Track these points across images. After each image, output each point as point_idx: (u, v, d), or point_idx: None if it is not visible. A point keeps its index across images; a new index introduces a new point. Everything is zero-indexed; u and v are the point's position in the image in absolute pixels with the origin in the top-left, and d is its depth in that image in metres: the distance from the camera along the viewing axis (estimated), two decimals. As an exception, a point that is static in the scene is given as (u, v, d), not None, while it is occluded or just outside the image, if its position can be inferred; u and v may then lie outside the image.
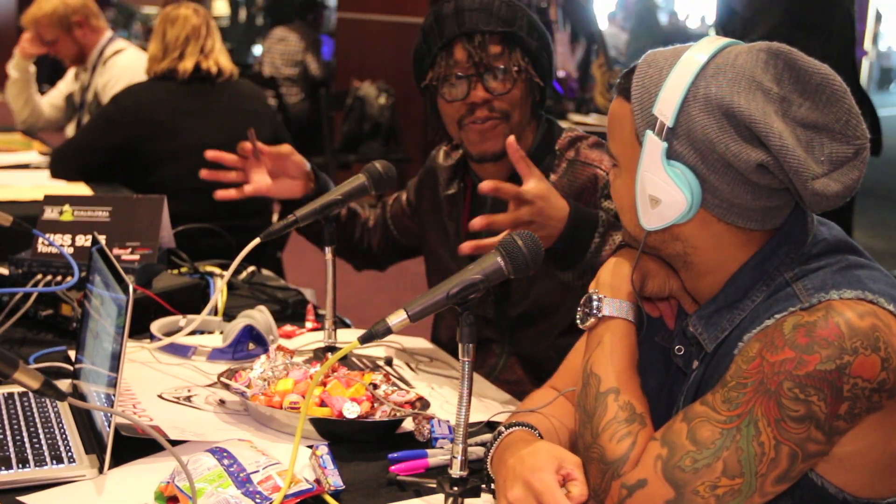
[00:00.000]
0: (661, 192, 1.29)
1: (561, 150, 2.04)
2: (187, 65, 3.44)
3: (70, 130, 4.44)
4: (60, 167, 3.47)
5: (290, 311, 2.33)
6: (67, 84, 4.57)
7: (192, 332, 2.03)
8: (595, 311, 1.41)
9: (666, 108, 1.28)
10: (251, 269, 2.59)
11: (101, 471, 1.46)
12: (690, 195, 1.28)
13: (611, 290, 1.42)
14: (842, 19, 3.41)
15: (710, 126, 1.26)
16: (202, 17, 3.52)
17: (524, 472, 1.29)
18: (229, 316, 2.13)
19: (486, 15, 1.94)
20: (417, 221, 2.25)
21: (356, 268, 2.38)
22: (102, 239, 1.77)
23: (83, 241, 2.24)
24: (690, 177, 1.28)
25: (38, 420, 1.60)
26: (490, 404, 1.83)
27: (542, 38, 1.99)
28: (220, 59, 3.51)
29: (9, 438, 1.52)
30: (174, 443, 1.49)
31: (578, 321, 1.44)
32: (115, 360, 1.47)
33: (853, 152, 1.26)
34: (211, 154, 2.15)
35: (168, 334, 2.00)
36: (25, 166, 3.81)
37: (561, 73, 6.56)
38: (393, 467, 1.52)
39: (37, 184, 3.41)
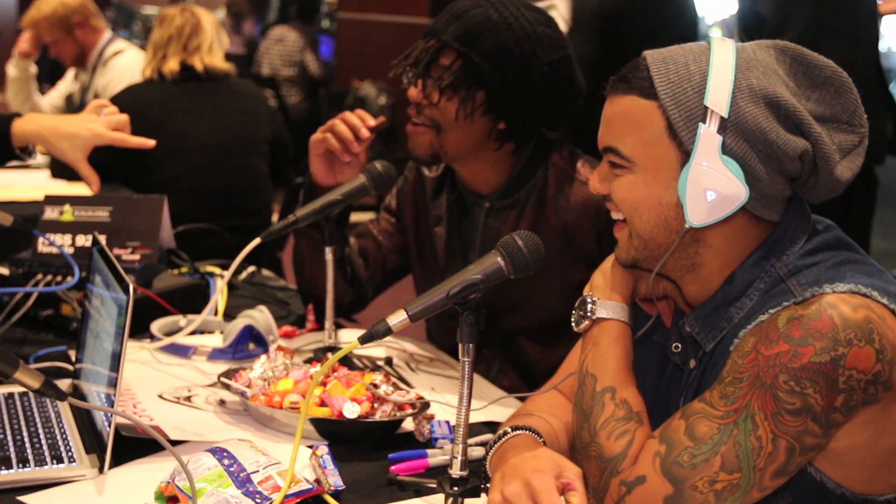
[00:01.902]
0: (720, 184, 1.28)
1: (556, 163, 2.00)
2: (171, 65, 3.44)
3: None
4: (60, 167, 3.48)
5: (291, 312, 2.33)
6: (67, 84, 4.58)
7: (192, 332, 2.03)
8: (589, 314, 1.41)
9: (719, 99, 1.28)
10: (251, 269, 2.59)
11: (101, 471, 1.46)
12: (747, 186, 1.28)
13: (604, 293, 1.42)
14: (866, 21, 3.42)
15: (759, 116, 1.28)
16: (187, 17, 3.51)
17: (525, 471, 1.29)
18: (229, 316, 2.13)
19: (457, 25, 1.90)
20: (400, 229, 2.21)
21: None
22: (102, 239, 1.77)
23: (83, 241, 2.24)
24: (738, 168, 1.28)
25: (38, 420, 1.60)
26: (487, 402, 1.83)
27: (514, 73, 1.88)
28: (206, 57, 3.49)
29: (9, 438, 1.52)
30: (174, 443, 1.48)
31: (573, 324, 1.44)
32: (116, 360, 1.48)
33: (858, 140, 1.32)
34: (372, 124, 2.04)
35: (168, 334, 2.00)
36: (25, 166, 3.80)
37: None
38: (393, 467, 1.52)
39: (37, 184, 3.41)
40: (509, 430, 1.45)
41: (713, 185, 1.28)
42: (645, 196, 1.34)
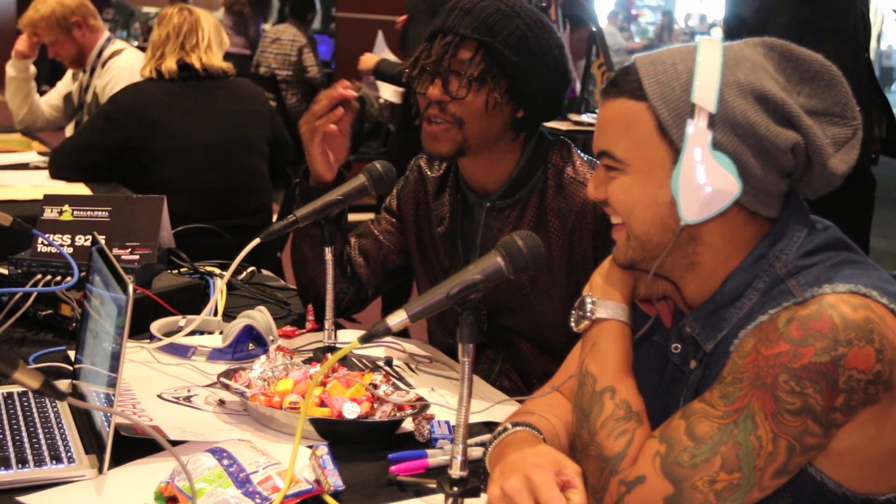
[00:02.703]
0: (712, 179, 1.28)
1: (555, 163, 2.02)
2: (169, 64, 3.44)
3: (69, 131, 4.45)
4: (60, 166, 3.48)
5: (290, 312, 2.33)
6: (66, 84, 4.57)
7: (192, 333, 2.03)
8: (589, 314, 1.41)
9: (706, 96, 1.28)
10: (251, 269, 2.59)
11: (100, 471, 1.45)
12: (740, 180, 1.28)
13: (604, 293, 1.42)
14: (854, 21, 3.41)
15: (748, 110, 1.28)
16: (184, 16, 3.51)
17: (525, 466, 1.28)
18: (229, 316, 2.13)
19: (470, 18, 1.92)
20: (401, 230, 2.21)
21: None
22: (102, 239, 1.76)
23: (83, 241, 2.24)
24: (730, 163, 1.29)
25: (37, 420, 1.60)
26: (489, 405, 1.83)
27: (532, 59, 1.93)
28: (204, 56, 3.49)
29: (8, 438, 1.52)
30: (174, 443, 1.48)
31: (573, 324, 1.44)
32: (115, 360, 1.47)
33: (852, 133, 1.33)
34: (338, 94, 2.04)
35: (168, 334, 2.00)
36: (25, 166, 3.81)
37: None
38: (393, 467, 1.52)
39: (36, 184, 3.41)
40: (509, 426, 1.45)
41: (705, 181, 1.28)
42: (640, 197, 1.35)
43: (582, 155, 2.04)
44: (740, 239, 1.34)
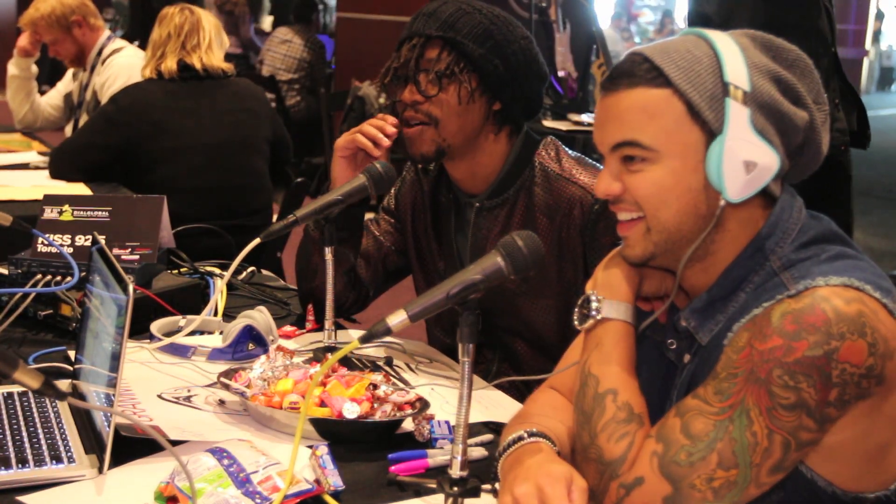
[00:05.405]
0: (757, 155, 1.30)
1: (543, 161, 2.03)
2: (170, 64, 3.44)
3: (69, 130, 4.45)
4: (60, 166, 3.47)
5: (290, 312, 2.33)
6: (66, 84, 4.57)
7: (192, 333, 2.03)
8: (594, 313, 1.40)
9: (739, 76, 1.31)
10: (251, 269, 2.59)
11: (100, 471, 1.45)
12: (778, 154, 1.31)
13: (609, 292, 1.41)
14: (818, 15, 3.43)
15: (771, 90, 1.31)
16: (185, 16, 3.51)
17: (539, 475, 1.28)
18: (229, 316, 2.13)
19: (433, 20, 1.97)
20: (400, 230, 2.22)
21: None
22: (102, 239, 1.76)
23: (83, 241, 2.24)
24: (765, 139, 1.31)
25: (37, 420, 1.60)
26: (489, 405, 1.83)
27: (498, 49, 1.96)
28: (205, 56, 3.48)
29: (8, 438, 1.52)
30: (174, 443, 1.48)
31: (576, 322, 1.43)
32: (115, 360, 1.47)
33: (823, 119, 1.37)
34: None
35: (168, 334, 2.00)
36: (25, 166, 3.81)
37: (561, 73, 6.57)
38: (393, 467, 1.52)
39: (36, 184, 3.41)
40: (524, 434, 1.42)
41: (750, 157, 1.30)
42: (672, 185, 1.33)
43: (569, 152, 2.05)
44: (751, 224, 1.35)
